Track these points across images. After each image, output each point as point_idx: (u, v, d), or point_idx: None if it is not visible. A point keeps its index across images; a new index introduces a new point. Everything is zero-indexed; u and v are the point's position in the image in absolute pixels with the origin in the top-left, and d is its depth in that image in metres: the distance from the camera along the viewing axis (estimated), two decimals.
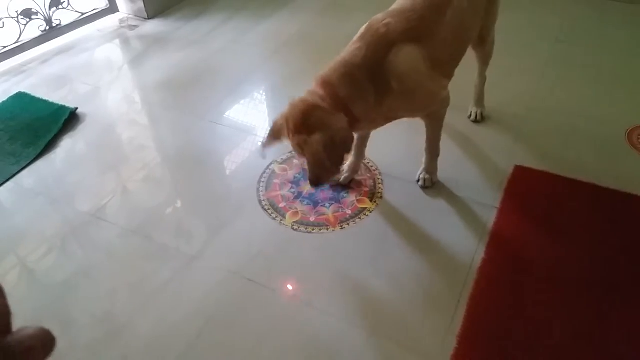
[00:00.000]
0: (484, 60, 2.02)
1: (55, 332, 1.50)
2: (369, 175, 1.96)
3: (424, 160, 1.84)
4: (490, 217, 1.72)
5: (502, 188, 1.83)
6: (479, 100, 2.17)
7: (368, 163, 2.00)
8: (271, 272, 1.59)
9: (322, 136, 1.34)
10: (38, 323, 1.48)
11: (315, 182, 1.45)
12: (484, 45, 1.93)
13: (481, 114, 2.17)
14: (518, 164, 1.92)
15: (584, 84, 2.39)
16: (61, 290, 1.63)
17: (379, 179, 1.93)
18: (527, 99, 2.31)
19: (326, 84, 1.40)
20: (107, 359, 1.42)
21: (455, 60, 1.62)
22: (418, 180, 1.87)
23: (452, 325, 1.41)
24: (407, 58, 1.40)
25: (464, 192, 1.84)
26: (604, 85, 2.37)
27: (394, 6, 1.52)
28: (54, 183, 2.06)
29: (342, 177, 1.90)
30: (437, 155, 1.82)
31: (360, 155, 1.89)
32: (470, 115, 2.18)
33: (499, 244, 1.62)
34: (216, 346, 1.42)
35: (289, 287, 1.57)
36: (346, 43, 1.50)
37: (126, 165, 2.15)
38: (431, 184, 1.85)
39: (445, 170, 1.93)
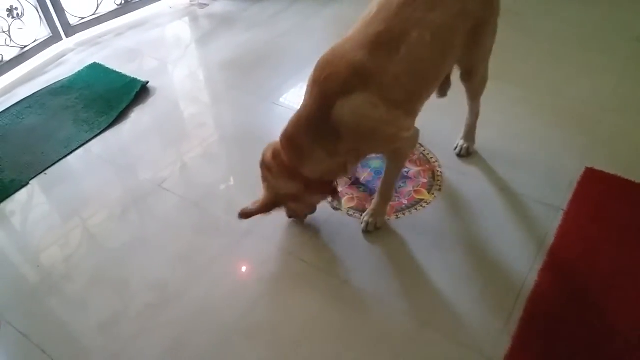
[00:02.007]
0: (472, 95, 1.80)
1: (110, 294, 1.57)
2: (428, 166, 1.92)
3: (373, 201, 1.68)
4: (555, 219, 1.65)
5: (570, 190, 1.75)
6: (469, 134, 1.93)
7: (428, 154, 1.96)
8: (323, 254, 1.60)
9: (269, 194, 1.52)
10: (95, 284, 1.55)
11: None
12: (471, 81, 1.71)
13: (467, 149, 1.92)
14: (589, 166, 1.82)
15: None
16: (119, 255, 1.71)
17: (438, 171, 1.89)
18: (603, 98, 2.18)
19: (277, 150, 1.45)
20: (157, 323, 1.48)
21: (416, 96, 1.44)
22: (362, 224, 1.68)
23: (508, 325, 1.37)
24: (352, 110, 1.30)
25: (530, 191, 1.77)
26: None
27: (341, 41, 1.37)
28: (119, 152, 2.15)
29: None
30: (390, 199, 1.68)
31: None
32: (456, 147, 1.94)
33: (564, 247, 1.55)
34: (265, 322, 1.45)
35: (341, 271, 1.57)
36: None
37: (187, 141, 2.21)
38: (374, 229, 1.67)
39: (512, 166, 1.87)
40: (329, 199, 1.68)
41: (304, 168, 1.42)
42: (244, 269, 1.64)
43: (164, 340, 1.43)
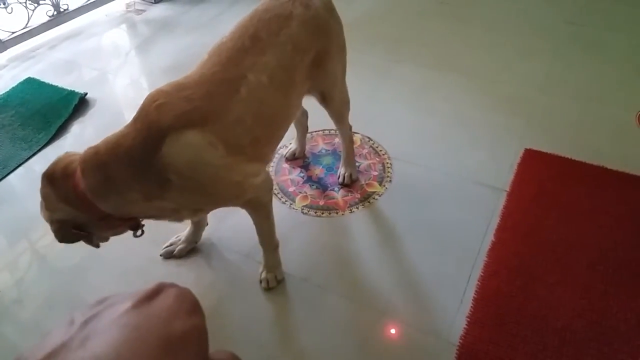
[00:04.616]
0: (336, 118, 1.69)
1: (65, 315, 1.50)
2: (377, 159, 1.95)
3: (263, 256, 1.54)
4: (499, 200, 1.72)
5: (512, 171, 1.83)
6: (347, 160, 1.84)
7: (377, 147, 2.00)
8: (281, 255, 1.60)
9: (46, 213, 1.21)
10: (50, 306, 1.48)
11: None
12: (329, 105, 1.61)
13: (350, 176, 1.84)
14: (528, 147, 1.91)
15: (596, 66, 2.37)
16: (72, 274, 1.66)
17: (388, 163, 1.93)
18: (538, 81, 2.29)
19: (71, 167, 1.16)
20: None
21: (264, 141, 1.31)
22: (260, 282, 1.55)
23: (462, 306, 1.42)
24: (186, 148, 1.10)
25: (474, 176, 1.83)
26: (616, 68, 2.34)
27: (180, 78, 1.22)
28: None
29: (177, 248, 1.67)
30: (275, 246, 1.52)
31: (199, 226, 1.68)
32: (339, 177, 1.87)
33: (509, 227, 1.62)
34: (227, 327, 1.45)
35: (300, 269, 1.58)
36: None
37: None
38: (276, 283, 1.53)
39: (456, 151, 1.94)
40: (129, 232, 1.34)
41: (105, 203, 1.16)
42: (204, 275, 1.62)
43: None
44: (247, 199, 1.31)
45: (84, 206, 1.16)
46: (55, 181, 1.17)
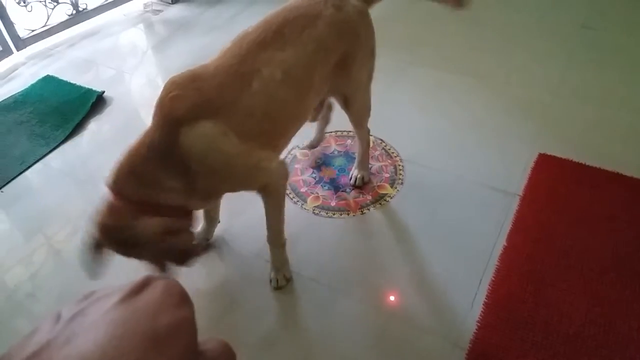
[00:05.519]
0: (355, 123, 1.69)
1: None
2: (389, 161, 1.95)
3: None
4: (512, 205, 1.71)
5: (525, 176, 1.81)
6: (361, 163, 1.85)
7: (389, 149, 2.00)
8: (292, 255, 1.61)
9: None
10: (63, 301, 1.50)
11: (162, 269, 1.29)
12: (350, 109, 1.61)
13: (362, 178, 1.84)
14: (542, 152, 1.89)
15: (611, 71, 2.34)
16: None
17: (400, 165, 1.93)
18: (552, 85, 2.27)
19: (117, 192, 1.20)
20: None
21: (273, 135, 1.33)
22: (270, 281, 1.55)
23: (472, 310, 1.42)
24: (201, 138, 1.15)
25: (486, 179, 1.82)
26: (632, 73, 2.31)
27: (197, 67, 1.26)
28: (80, 165, 2.11)
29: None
30: (282, 244, 1.51)
31: (211, 223, 1.69)
32: (351, 178, 1.87)
33: (521, 232, 1.61)
34: (238, 326, 1.46)
35: (310, 270, 1.59)
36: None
37: None
38: (285, 282, 1.53)
39: (468, 155, 1.93)
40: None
41: (161, 198, 1.20)
42: (215, 274, 1.64)
43: None
44: (262, 183, 1.33)
45: (150, 209, 1.18)
46: (110, 230, 1.20)
